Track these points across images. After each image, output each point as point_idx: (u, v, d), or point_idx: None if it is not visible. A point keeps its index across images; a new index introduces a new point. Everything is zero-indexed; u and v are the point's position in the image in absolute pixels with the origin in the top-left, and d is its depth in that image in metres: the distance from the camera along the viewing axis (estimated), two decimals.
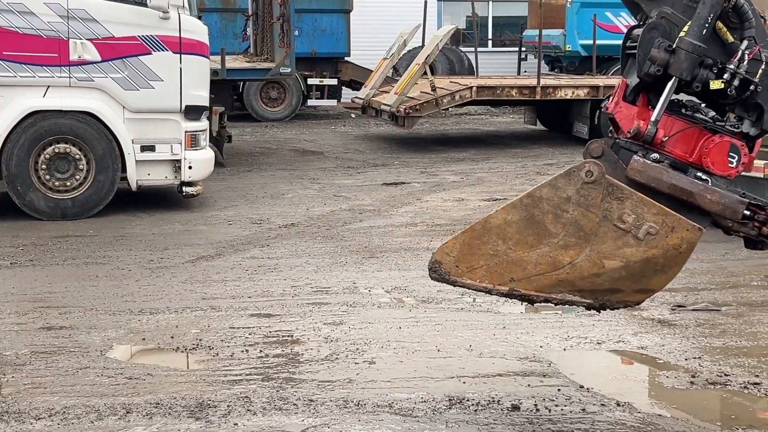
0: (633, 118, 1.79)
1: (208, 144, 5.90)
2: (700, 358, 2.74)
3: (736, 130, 1.82)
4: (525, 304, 2.35)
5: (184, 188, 5.48)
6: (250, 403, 2.20)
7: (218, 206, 6.06)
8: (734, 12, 1.71)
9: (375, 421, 2.07)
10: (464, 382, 2.45)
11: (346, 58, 11.20)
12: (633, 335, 3.15)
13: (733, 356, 2.75)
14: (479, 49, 11.33)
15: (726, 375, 2.50)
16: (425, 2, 10.66)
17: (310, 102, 11.22)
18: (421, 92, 8.95)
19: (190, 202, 5.91)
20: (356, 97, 10.00)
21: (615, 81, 5.73)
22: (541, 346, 2.93)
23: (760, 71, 1.66)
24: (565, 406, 2.19)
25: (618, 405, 2.21)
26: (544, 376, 2.54)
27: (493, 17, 13.40)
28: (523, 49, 11.56)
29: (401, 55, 9.73)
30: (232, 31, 9.90)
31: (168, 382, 2.50)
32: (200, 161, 5.49)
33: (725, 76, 1.68)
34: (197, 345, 2.88)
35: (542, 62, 9.95)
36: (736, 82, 1.67)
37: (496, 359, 2.79)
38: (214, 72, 6.70)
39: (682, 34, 1.72)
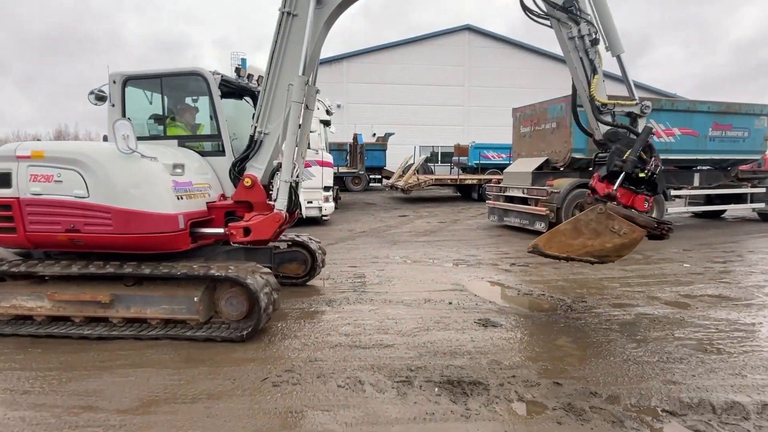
0: (605, 188, 4.21)
1: (332, 199, 13.09)
2: (521, 284, 6.31)
3: (647, 192, 4.19)
4: (472, 264, 5.68)
5: (322, 217, 12.21)
6: (347, 302, 5.16)
7: (335, 224, 12.75)
8: (648, 147, 4.17)
9: (396, 307, 5.16)
10: (430, 293, 5.67)
11: (384, 167, 23.71)
12: (496, 275, 6.71)
13: (534, 283, 6.37)
14: (434, 164, 26.99)
15: (531, 291, 6.02)
16: (414, 149, 23.77)
17: (371, 184, 23.15)
18: (413, 180, 18.32)
19: (325, 222, 12.59)
20: (388, 183, 21.23)
21: (490, 177, 17.62)
22: (460, 280, 6.32)
23: (653, 166, 4.10)
24: (470, 301, 5.48)
25: (490, 302, 5.50)
26: (461, 291, 5.86)
27: (441, 152, 28.03)
28: (453, 163, 23.64)
29: (406, 165, 20.59)
30: (344, 156, 23.23)
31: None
32: (329, 206, 12.26)
33: (645, 172, 4.07)
34: (327, 277, 6.13)
35: (459, 169, 21.77)
36: (649, 174, 4.06)
37: (443, 284, 6.08)
38: (334, 173, 15.66)
39: (627, 154, 4.08)
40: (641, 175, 4.17)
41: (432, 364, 3.57)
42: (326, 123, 12.22)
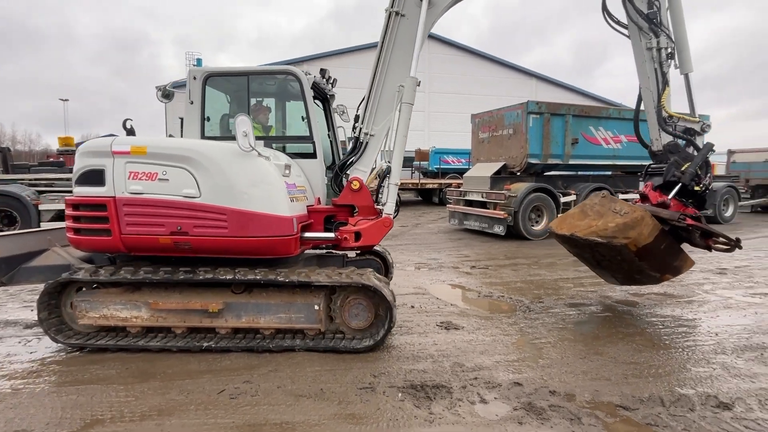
0: (658, 197, 4.48)
1: None
2: (481, 286, 6.42)
3: (695, 207, 4.48)
4: (441, 268, 5.65)
5: None
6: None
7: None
8: (705, 164, 4.45)
9: (402, 292, 5.11)
10: (406, 293, 5.65)
11: None
12: (457, 278, 6.79)
13: (493, 285, 6.50)
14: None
15: (491, 293, 6.15)
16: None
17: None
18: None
19: None
20: None
21: (450, 181, 18.79)
22: (422, 284, 6.34)
23: (708, 182, 4.40)
24: (432, 305, 5.49)
25: (451, 304, 5.55)
26: (423, 294, 5.88)
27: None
28: (414, 168, 22.89)
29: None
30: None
31: None
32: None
33: (700, 186, 4.35)
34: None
35: (420, 173, 22.53)
36: (703, 189, 4.32)
37: (405, 288, 6.08)
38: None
39: (686, 166, 4.34)
40: (696, 188, 4.41)
41: (395, 369, 3.54)
42: None
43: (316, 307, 3.85)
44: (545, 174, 11.61)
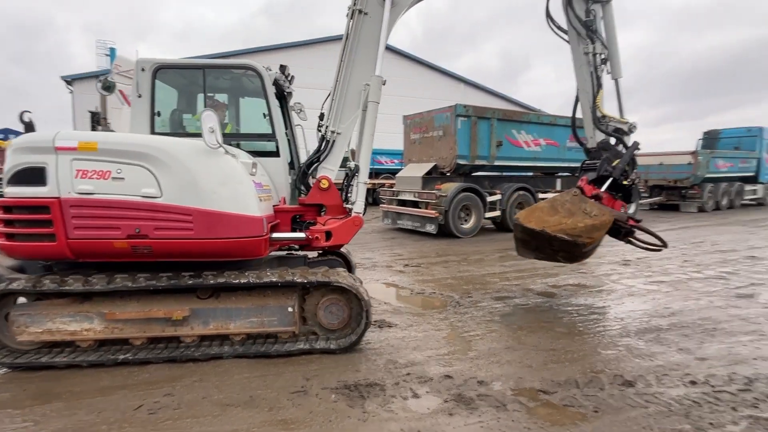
0: (592, 190, 4.85)
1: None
2: (414, 284, 6.55)
3: (623, 200, 5.02)
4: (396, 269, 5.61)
5: None
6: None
7: None
8: (632, 161, 4.98)
9: None
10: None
11: None
12: (390, 277, 6.87)
13: (425, 282, 6.65)
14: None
15: (423, 290, 6.28)
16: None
17: None
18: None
19: None
20: None
21: (383, 182, 19.10)
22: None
23: (635, 177, 4.99)
24: (375, 305, 5.53)
25: (385, 303, 5.61)
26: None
27: None
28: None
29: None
30: None
31: None
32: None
33: (628, 181, 4.92)
34: None
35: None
36: (630, 183, 4.88)
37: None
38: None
39: (615, 162, 4.84)
40: (624, 182, 4.85)
41: (328, 370, 3.49)
42: None
43: (290, 309, 3.72)
44: (473, 174, 12.13)
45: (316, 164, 4.39)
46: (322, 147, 4.40)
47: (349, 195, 4.32)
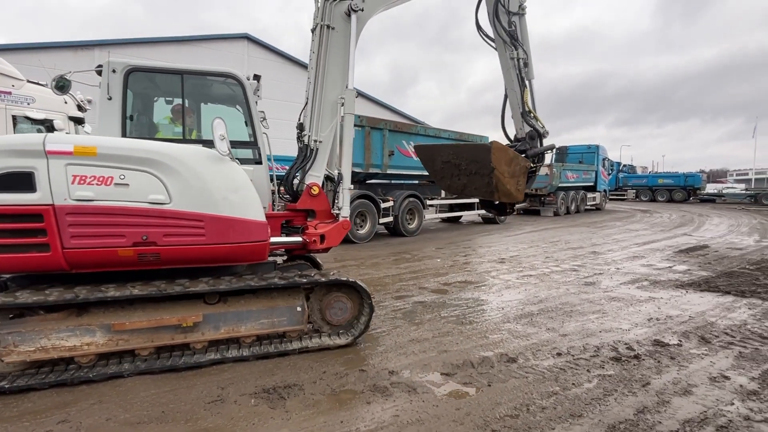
0: None
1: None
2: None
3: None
4: None
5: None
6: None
7: None
8: (541, 155, 5.74)
9: None
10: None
11: None
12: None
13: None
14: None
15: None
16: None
17: None
18: None
19: None
20: None
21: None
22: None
23: (537, 167, 5.74)
24: None
25: None
26: None
27: None
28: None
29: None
30: None
31: None
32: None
33: (533, 168, 5.55)
34: None
35: None
36: (531, 170, 5.51)
37: None
38: None
39: (532, 149, 5.56)
40: (531, 165, 5.59)
41: (243, 377, 3.49)
42: (78, 121, 10.14)
43: (299, 309, 3.92)
44: (367, 182, 12.66)
45: (300, 172, 4.61)
46: (307, 155, 4.58)
47: (336, 201, 4.61)
